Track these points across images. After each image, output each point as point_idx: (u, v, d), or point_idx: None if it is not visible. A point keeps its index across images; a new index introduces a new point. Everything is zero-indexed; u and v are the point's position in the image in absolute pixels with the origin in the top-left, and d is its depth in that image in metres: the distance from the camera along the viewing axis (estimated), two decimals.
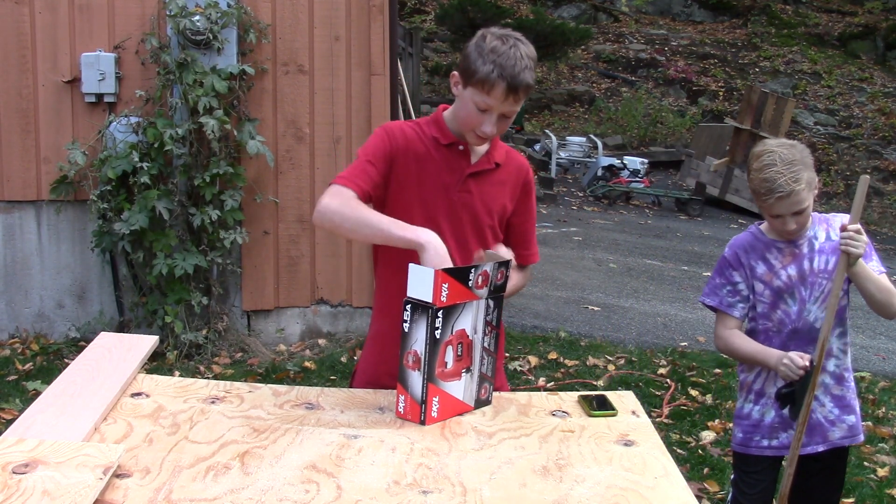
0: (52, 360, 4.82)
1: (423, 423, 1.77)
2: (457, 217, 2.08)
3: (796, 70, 18.05)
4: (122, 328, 5.09)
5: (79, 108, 4.96)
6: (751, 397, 2.56)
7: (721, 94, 17.36)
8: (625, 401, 2.00)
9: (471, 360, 1.86)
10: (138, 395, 1.85)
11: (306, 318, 5.33)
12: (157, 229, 4.83)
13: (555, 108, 16.69)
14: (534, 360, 5.26)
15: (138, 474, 1.48)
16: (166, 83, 4.79)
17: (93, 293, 5.18)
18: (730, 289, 2.52)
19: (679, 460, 3.84)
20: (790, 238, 2.45)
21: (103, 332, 2.17)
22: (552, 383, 4.90)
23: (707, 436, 4.21)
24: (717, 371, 5.25)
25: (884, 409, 4.81)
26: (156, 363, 4.66)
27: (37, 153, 4.96)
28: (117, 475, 1.46)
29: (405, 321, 1.77)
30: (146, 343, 2.09)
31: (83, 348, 2.06)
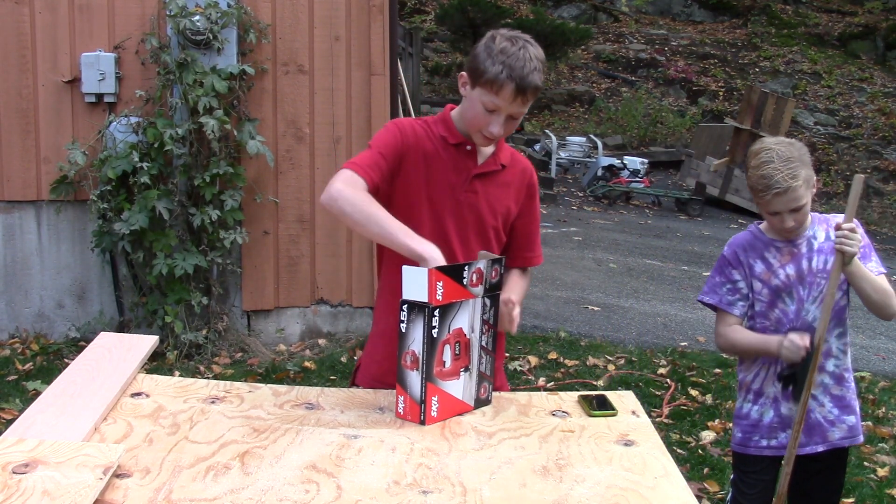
0: (52, 360, 4.82)
1: (422, 423, 1.78)
2: (461, 217, 2.08)
3: (796, 70, 18.04)
4: (122, 328, 5.09)
5: (79, 108, 4.96)
6: (749, 397, 2.56)
7: (721, 94, 17.35)
8: (625, 401, 2.00)
9: (469, 359, 1.86)
10: (138, 395, 1.85)
11: (306, 318, 5.33)
12: (157, 229, 4.83)
13: (555, 108, 16.69)
14: (534, 360, 5.26)
15: (138, 474, 1.48)
16: (166, 83, 4.79)
17: (93, 293, 5.18)
18: (729, 287, 2.52)
19: (679, 460, 3.84)
20: (789, 237, 2.45)
21: (103, 332, 2.17)
22: (552, 383, 4.90)
23: (707, 436, 4.21)
24: (717, 371, 5.25)
25: (884, 409, 4.80)
26: (156, 363, 4.67)
27: (37, 153, 4.96)
28: (117, 475, 1.46)
29: (402, 322, 1.77)
30: (146, 343, 2.09)
31: (83, 348, 2.06)
